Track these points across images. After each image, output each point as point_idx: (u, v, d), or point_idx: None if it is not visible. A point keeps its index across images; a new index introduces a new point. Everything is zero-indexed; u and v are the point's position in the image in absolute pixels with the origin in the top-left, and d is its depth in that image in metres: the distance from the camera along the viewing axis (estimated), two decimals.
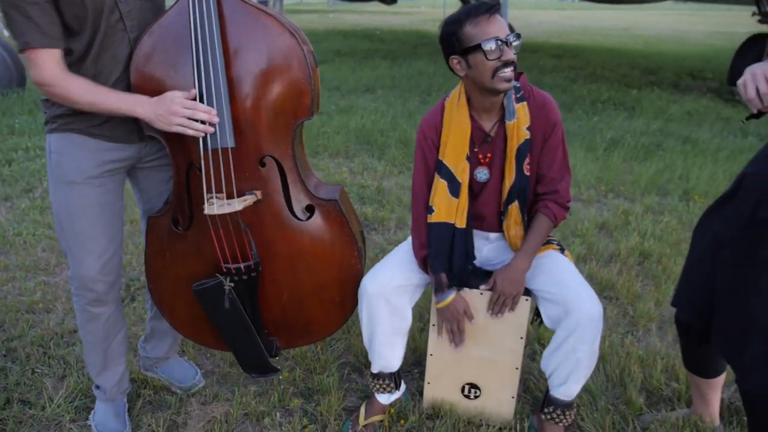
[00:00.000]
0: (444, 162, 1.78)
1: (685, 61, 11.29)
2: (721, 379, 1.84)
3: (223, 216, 1.70)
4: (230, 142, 1.65)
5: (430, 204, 1.80)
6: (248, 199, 1.70)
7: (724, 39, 15.52)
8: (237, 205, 1.67)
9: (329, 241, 1.82)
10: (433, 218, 1.80)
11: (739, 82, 1.35)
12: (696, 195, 3.97)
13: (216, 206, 1.67)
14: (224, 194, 1.70)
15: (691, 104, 7.07)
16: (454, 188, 1.78)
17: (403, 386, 2.05)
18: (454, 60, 1.69)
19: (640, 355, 2.28)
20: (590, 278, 2.90)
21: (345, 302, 1.89)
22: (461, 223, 1.80)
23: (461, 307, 1.83)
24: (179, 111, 1.56)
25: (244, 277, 1.77)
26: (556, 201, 1.82)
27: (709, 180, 4.21)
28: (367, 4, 17.74)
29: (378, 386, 1.98)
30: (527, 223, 1.84)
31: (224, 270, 1.76)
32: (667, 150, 5.06)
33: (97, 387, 1.96)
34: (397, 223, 3.55)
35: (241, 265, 1.75)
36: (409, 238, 1.95)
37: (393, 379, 1.97)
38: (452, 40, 1.66)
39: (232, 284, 1.76)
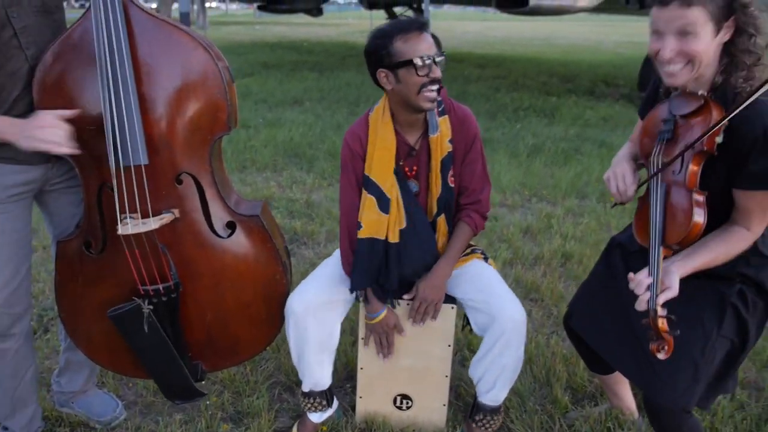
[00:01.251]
0: (371, 178, 1.77)
1: (600, 69, 11.91)
2: None
3: (138, 236, 1.62)
4: (143, 160, 1.59)
5: (359, 220, 1.79)
6: (165, 218, 1.64)
7: (633, 48, 16.50)
8: (153, 224, 1.61)
9: (252, 257, 1.78)
10: (361, 234, 1.79)
11: (605, 176, 1.58)
12: (612, 197, 4.18)
13: (131, 226, 1.60)
14: (139, 213, 1.62)
15: (605, 110, 7.46)
16: (384, 204, 1.77)
17: (335, 403, 2.02)
18: (382, 73, 1.69)
19: (565, 354, 2.36)
20: (516, 282, 2.99)
21: (271, 319, 1.85)
22: (393, 237, 1.79)
23: (392, 322, 1.83)
24: (43, 130, 1.45)
25: (164, 299, 1.70)
26: (477, 211, 1.87)
27: None
28: (294, 16, 17.66)
29: (309, 405, 1.94)
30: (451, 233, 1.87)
31: (142, 292, 1.69)
32: (584, 154, 5.30)
33: (5, 429, 1.82)
34: (327, 237, 3.53)
35: (160, 287, 1.68)
36: (335, 253, 1.93)
37: (325, 397, 1.94)
38: (382, 53, 1.66)
39: (151, 307, 1.68)
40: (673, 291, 1.27)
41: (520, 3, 6.76)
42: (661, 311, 1.26)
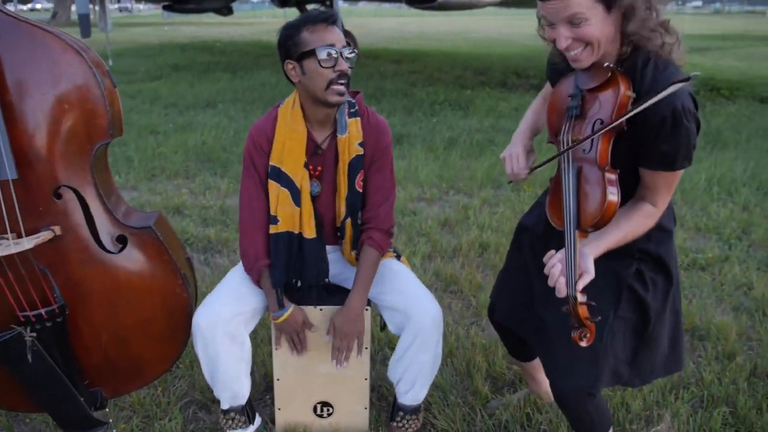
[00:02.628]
0: (283, 170, 1.70)
1: (511, 61, 12.28)
2: None
3: (10, 258, 1.47)
4: (11, 174, 1.44)
5: (273, 214, 1.72)
6: (42, 236, 1.50)
7: (542, 40, 17.14)
8: (27, 243, 1.46)
9: (148, 271, 1.66)
10: (278, 228, 1.72)
11: (501, 156, 1.56)
12: (525, 185, 4.29)
13: (2, 247, 1.44)
14: (9, 233, 1.47)
15: (517, 100, 7.68)
16: (296, 196, 1.71)
17: (258, 420, 1.94)
18: (289, 65, 1.63)
19: (484, 344, 2.38)
20: (436, 275, 3.00)
21: (175, 335, 1.75)
22: (310, 232, 1.74)
23: (300, 318, 1.76)
24: None
25: (48, 324, 1.55)
26: (378, 228, 1.78)
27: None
28: (206, 16, 17.04)
29: (230, 423, 1.85)
30: (357, 238, 1.81)
31: (22, 319, 1.53)
32: (498, 145, 5.42)
33: None
34: None
35: (42, 311, 1.54)
36: (240, 263, 1.84)
37: (245, 413, 1.86)
38: (288, 44, 1.61)
39: (34, 334, 1.53)
40: (590, 274, 1.25)
41: None
42: (581, 297, 1.23)
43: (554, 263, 1.26)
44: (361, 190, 1.77)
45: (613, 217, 1.25)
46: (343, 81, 1.59)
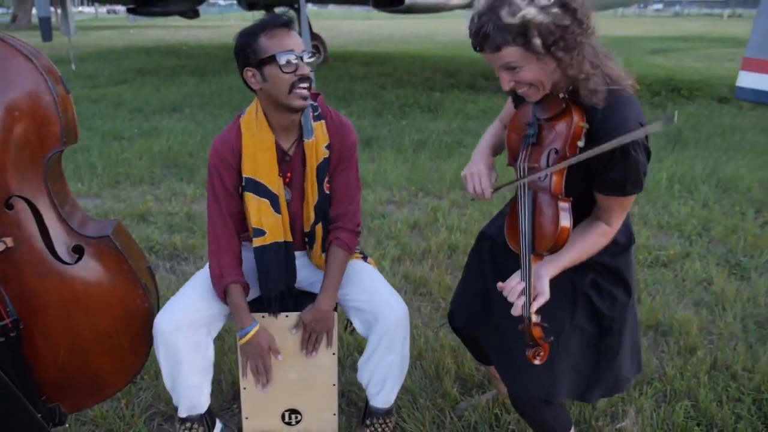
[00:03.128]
0: (257, 179, 1.68)
1: (479, 63, 12.38)
2: None
3: None
4: None
5: (257, 226, 1.71)
6: None
7: None
8: None
9: (107, 282, 1.62)
10: (265, 240, 1.71)
11: (462, 174, 1.56)
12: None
13: None
14: None
15: (485, 103, 7.76)
16: (275, 204, 1.70)
17: (218, 425, 1.90)
18: (249, 72, 1.60)
19: (453, 346, 2.38)
20: (405, 278, 3.00)
21: (136, 346, 1.70)
22: (289, 238, 1.74)
23: (265, 341, 1.72)
24: None
25: (1, 340, 1.50)
26: (345, 227, 1.78)
27: (501, 171, 4.61)
28: (172, 19, 16.76)
29: None
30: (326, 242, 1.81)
31: None
32: (467, 146, 5.46)
33: None
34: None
35: None
36: (205, 267, 1.81)
37: (204, 422, 1.82)
38: (247, 51, 1.58)
39: None
40: (544, 296, 1.29)
41: (396, 2, 6.85)
42: (535, 318, 1.26)
43: (513, 285, 1.30)
44: (328, 192, 1.77)
45: (566, 242, 1.30)
46: (305, 85, 1.58)
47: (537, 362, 1.28)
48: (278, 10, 13.55)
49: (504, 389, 2.02)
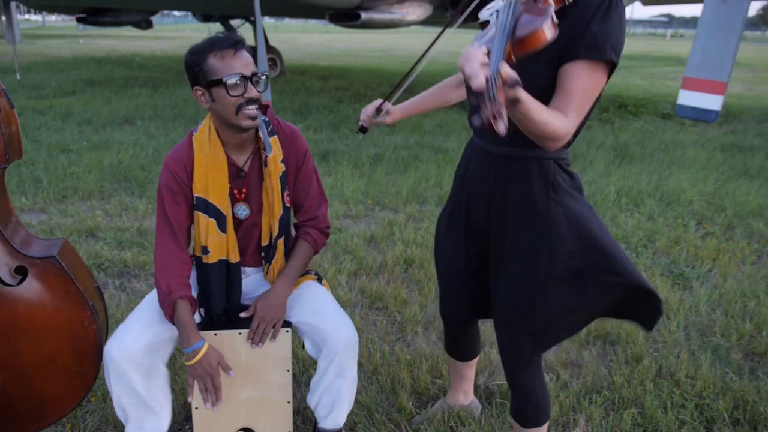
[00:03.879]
0: (207, 199, 1.68)
1: (435, 78, 12.50)
2: (476, 360, 2.07)
3: None
4: None
5: (204, 245, 1.71)
6: None
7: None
8: None
9: (51, 304, 1.57)
10: (209, 258, 1.71)
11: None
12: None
13: None
14: None
15: (441, 117, 7.88)
16: (222, 224, 1.70)
17: None
18: (198, 91, 1.62)
19: (409, 360, 2.40)
20: (362, 292, 3.01)
21: (83, 370, 1.65)
22: (235, 257, 1.74)
23: (214, 360, 1.68)
24: None
25: None
26: (316, 227, 1.84)
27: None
28: (125, 29, 16.38)
29: None
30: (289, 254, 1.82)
31: None
32: (423, 160, 5.53)
33: None
34: None
35: None
36: (154, 291, 1.77)
37: None
38: (196, 70, 1.58)
39: None
40: (513, 72, 1.09)
41: (352, 17, 6.92)
42: (500, 81, 1.06)
43: (472, 51, 1.09)
44: (289, 205, 1.79)
45: (543, 44, 1.17)
46: (253, 106, 1.59)
47: (501, 128, 1.03)
48: (235, 22, 13.46)
49: (457, 389, 2.08)
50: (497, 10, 1.30)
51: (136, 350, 1.61)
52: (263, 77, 1.61)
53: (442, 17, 8.44)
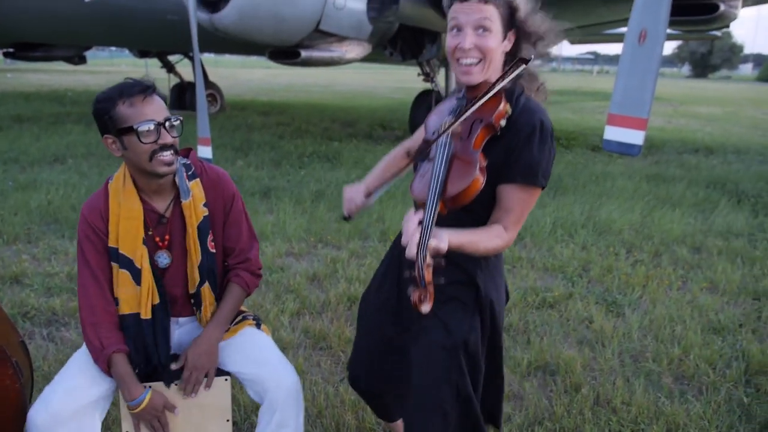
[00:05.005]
0: (120, 251, 1.63)
1: (376, 113, 12.82)
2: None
3: None
4: None
5: (116, 296, 1.64)
6: None
7: (404, 93, 18.11)
8: None
9: None
10: (121, 310, 1.65)
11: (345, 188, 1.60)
12: (391, 235, 4.44)
13: None
14: None
15: (383, 151, 7.90)
16: (136, 276, 1.64)
17: None
18: (108, 140, 1.57)
19: (353, 401, 2.37)
20: (305, 333, 2.97)
21: None
22: (146, 313, 1.66)
23: (159, 404, 1.63)
24: None
25: None
26: (248, 269, 1.81)
27: (399, 219, 4.75)
28: (57, 62, 15.83)
29: None
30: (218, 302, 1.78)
31: None
32: None
33: None
34: None
35: None
36: (83, 347, 1.69)
37: None
38: (105, 118, 1.54)
39: None
40: (443, 243, 1.22)
41: (292, 55, 6.99)
42: (429, 259, 1.19)
43: (410, 218, 1.25)
44: (214, 251, 1.74)
45: (473, 196, 1.33)
46: (167, 152, 1.56)
47: (425, 308, 1.19)
48: (173, 57, 13.29)
49: None
50: (437, 131, 1.45)
51: (64, 415, 1.52)
52: (177, 122, 1.58)
53: (381, 55, 8.65)
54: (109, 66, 32.70)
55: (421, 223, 1.23)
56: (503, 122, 1.41)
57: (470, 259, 1.50)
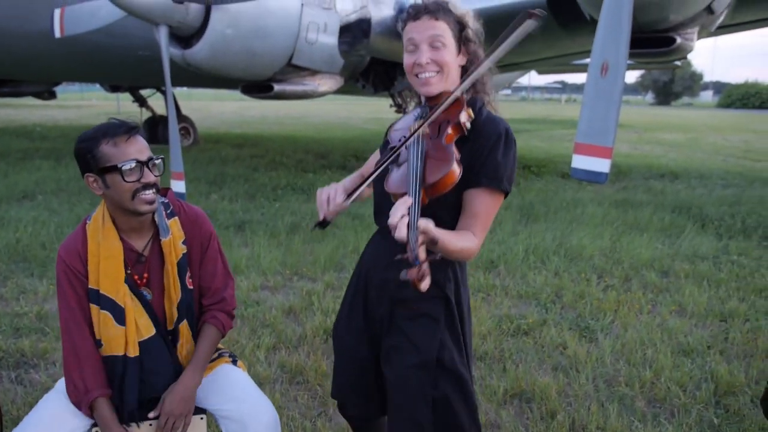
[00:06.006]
0: (101, 292, 1.63)
1: (350, 144, 12.93)
2: None
3: None
4: None
5: (98, 338, 1.64)
6: None
7: (378, 124, 18.37)
8: None
9: None
10: (103, 352, 1.64)
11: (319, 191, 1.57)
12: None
13: None
14: None
15: None
16: (119, 316, 1.64)
17: None
18: (90, 178, 1.60)
19: None
20: (281, 367, 2.95)
21: None
22: (134, 351, 1.66)
23: None
24: None
25: None
26: (223, 310, 1.82)
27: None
28: (25, 98, 15.66)
29: None
30: (196, 338, 1.78)
31: None
32: (340, 227, 5.60)
33: None
34: None
35: None
36: (57, 385, 1.67)
37: None
38: (87, 157, 1.57)
39: None
40: (431, 223, 1.24)
41: (265, 89, 7.06)
42: (421, 237, 1.20)
43: (401, 203, 1.26)
44: (192, 288, 1.75)
45: (452, 185, 1.37)
46: (149, 191, 1.59)
47: (424, 285, 1.18)
48: (146, 92, 13.28)
49: None
50: (404, 136, 1.50)
51: None
52: (158, 161, 1.62)
53: (353, 87, 8.78)
54: (79, 100, 32.42)
55: (409, 208, 1.25)
56: (468, 125, 1.49)
57: (440, 270, 1.54)
